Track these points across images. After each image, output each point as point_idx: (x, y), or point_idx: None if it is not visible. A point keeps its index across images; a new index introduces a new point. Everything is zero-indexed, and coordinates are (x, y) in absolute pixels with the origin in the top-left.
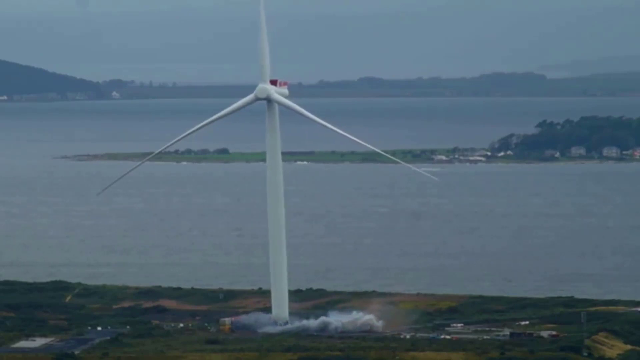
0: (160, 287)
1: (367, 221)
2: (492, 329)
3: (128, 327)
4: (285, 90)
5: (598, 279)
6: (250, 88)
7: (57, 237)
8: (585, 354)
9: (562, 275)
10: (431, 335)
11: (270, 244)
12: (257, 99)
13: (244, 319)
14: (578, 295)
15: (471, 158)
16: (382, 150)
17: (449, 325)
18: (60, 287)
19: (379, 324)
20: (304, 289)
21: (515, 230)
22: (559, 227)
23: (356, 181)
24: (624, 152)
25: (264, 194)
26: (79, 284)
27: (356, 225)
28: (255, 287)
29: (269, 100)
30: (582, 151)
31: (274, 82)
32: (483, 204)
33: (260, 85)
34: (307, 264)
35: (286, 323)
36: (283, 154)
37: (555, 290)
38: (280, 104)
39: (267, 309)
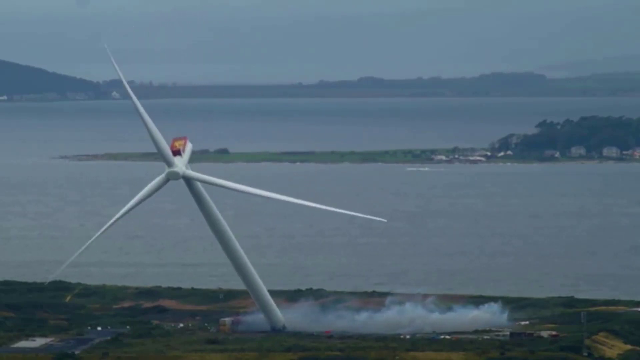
0: (160, 287)
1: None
2: (492, 329)
3: (128, 327)
4: (189, 146)
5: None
6: (250, 88)
7: (57, 237)
8: (585, 354)
9: (582, 276)
10: (431, 335)
11: (242, 280)
12: (169, 180)
13: (244, 319)
14: (578, 295)
15: (471, 158)
16: (382, 150)
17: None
18: (60, 287)
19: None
20: (304, 288)
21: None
22: (569, 227)
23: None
24: (624, 152)
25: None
26: (79, 284)
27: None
28: None
29: (184, 178)
30: (582, 151)
31: (177, 151)
32: (498, 205)
33: (169, 170)
34: (323, 264)
35: (284, 327)
36: (284, 154)
37: (578, 290)
38: (196, 180)
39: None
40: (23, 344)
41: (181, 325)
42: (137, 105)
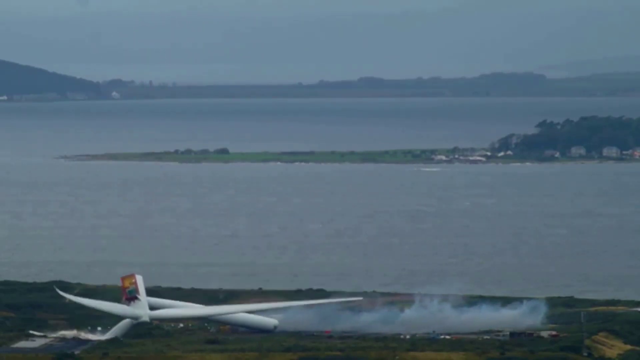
0: (160, 287)
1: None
2: (492, 328)
3: None
4: (140, 281)
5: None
6: (250, 88)
7: (58, 237)
8: (585, 354)
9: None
10: (431, 335)
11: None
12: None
13: None
14: (578, 295)
15: (471, 158)
16: (382, 150)
17: None
18: (61, 287)
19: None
20: (304, 289)
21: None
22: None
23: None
24: (624, 152)
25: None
26: (79, 284)
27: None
28: (255, 287)
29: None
30: (582, 151)
31: (132, 297)
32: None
33: (136, 322)
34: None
35: (275, 327)
36: (284, 154)
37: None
38: (161, 319)
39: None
40: (23, 344)
41: (181, 325)
42: (80, 301)
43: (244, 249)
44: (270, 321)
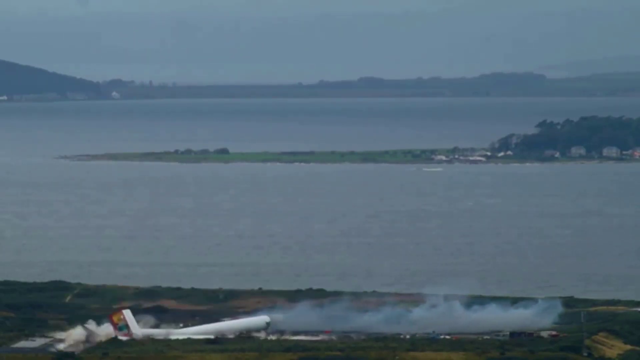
0: (160, 287)
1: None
2: (492, 329)
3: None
4: (128, 315)
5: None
6: (250, 88)
7: (58, 237)
8: (585, 354)
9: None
10: (431, 335)
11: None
12: None
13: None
14: (578, 295)
15: (471, 158)
16: (382, 150)
17: None
18: (60, 287)
19: None
20: (304, 289)
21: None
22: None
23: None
24: (624, 152)
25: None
26: (79, 284)
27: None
28: (255, 287)
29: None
30: (582, 151)
31: (125, 334)
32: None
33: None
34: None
35: (268, 324)
36: (284, 154)
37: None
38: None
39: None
40: (23, 344)
41: (181, 325)
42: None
43: (247, 249)
44: (261, 319)
